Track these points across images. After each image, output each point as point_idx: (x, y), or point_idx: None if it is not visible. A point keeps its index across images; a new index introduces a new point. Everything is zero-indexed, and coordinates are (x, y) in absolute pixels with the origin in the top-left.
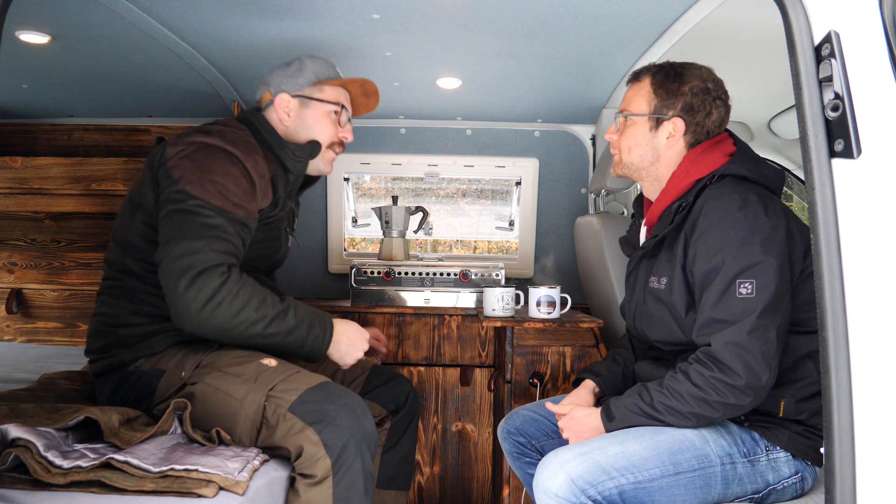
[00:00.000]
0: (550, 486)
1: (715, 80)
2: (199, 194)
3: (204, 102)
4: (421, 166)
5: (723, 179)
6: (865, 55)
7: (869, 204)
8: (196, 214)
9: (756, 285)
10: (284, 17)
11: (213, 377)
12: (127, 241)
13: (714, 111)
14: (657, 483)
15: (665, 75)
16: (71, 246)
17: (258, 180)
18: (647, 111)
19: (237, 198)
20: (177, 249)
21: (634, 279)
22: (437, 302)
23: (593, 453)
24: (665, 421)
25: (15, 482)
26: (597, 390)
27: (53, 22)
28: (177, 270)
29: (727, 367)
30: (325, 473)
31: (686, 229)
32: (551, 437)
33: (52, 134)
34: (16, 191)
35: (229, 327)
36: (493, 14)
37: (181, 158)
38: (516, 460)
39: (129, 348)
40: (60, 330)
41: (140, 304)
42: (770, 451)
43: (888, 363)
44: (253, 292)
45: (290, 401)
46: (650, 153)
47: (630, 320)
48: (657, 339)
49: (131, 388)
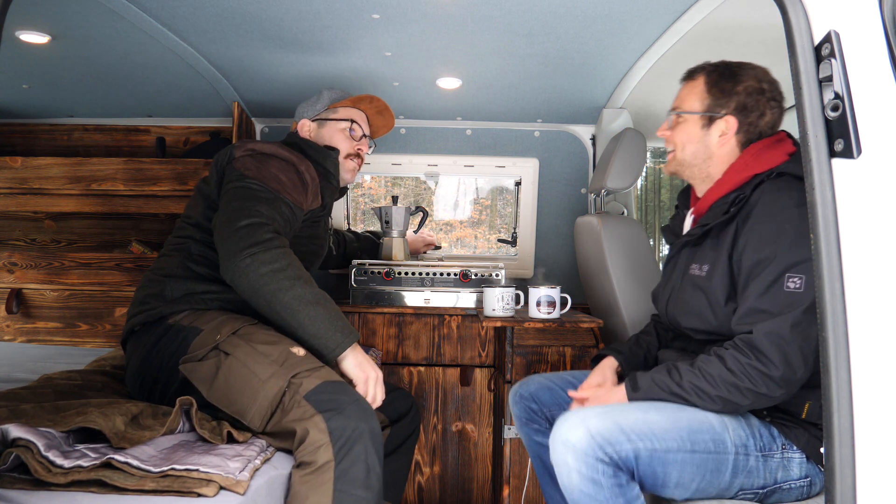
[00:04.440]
0: (570, 437)
1: (770, 81)
2: (255, 176)
3: (204, 102)
4: (421, 166)
5: (781, 177)
6: (865, 55)
7: (869, 204)
8: (251, 189)
9: (805, 281)
10: (284, 18)
11: (242, 351)
12: (190, 217)
13: (768, 112)
14: (672, 455)
15: (720, 74)
16: (71, 246)
17: (310, 181)
18: (700, 109)
19: (288, 187)
20: (232, 205)
21: (673, 266)
22: (437, 302)
23: (615, 414)
24: (690, 400)
25: (15, 482)
26: (618, 369)
27: (53, 22)
28: (226, 219)
29: (765, 356)
30: (326, 460)
31: (738, 220)
32: (564, 408)
33: (52, 134)
34: (16, 191)
35: (259, 279)
36: (493, 14)
37: (243, 157)
38: (525, 426)
39: (172, 302)
40: (60, 330)
41: (193, 261)
42: (786, 449)
43: (888, 363)
44: (291, 264)
45: (308, 389)
46: (703, 151)
47: (662, 306)
48: (689, 327)
49: (168, 343)
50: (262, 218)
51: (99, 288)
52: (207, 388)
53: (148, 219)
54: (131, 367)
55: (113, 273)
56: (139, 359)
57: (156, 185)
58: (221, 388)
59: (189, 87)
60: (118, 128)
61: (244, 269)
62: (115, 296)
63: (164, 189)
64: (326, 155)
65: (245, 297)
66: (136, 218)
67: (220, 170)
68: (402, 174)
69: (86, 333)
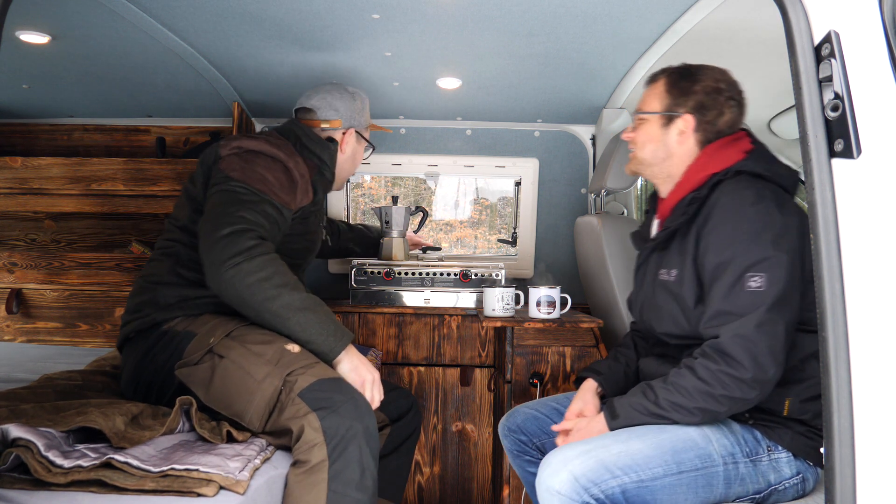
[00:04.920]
0: (553, 484)
1: (729, 82)
2: (240, 178)
3: (204, 102)
4: (421, 166)
5: (738, 175)
6: (865, 55)
7: (869, 204)
8: (234, 192)
9: (766, 279)
10: (284, 18)
11: (237, 353)
12: (178, 219)
13: (727, 111)
14: (660, 482)
15: (679, 75)
16: (71, 246)
17: (299, 179)
18: (660, 109)
19: (275, 187)
20: (214, 212)
21: (644, 271)
22: (437, 302)
23: (596, 451)
24: (670, 418)
25: (15, 482)
26: (599, 390)
27: (53, 22)
28: (209, 227)
29: (734, 359)
30: (320, 459)
31: (698, 222)
32: (552, 435)
33: (52, 134)
34: (16, 191)
35: (246, 289)
36: (493, 14)
37: (230, 156)
38: (516, 458)
39: (165, 309)
40: (60, 330)
41: (183, 267)
42: (772, 450)
43: (888, 363)
44: (277, 271)
45: (303, 386)
46: (662, 150)
47: (637, 312)
48: (663, 332)
49: (162, 349)
50: (246, 224)
51: (99, 288)
52: (204, 392)
53: (148, 219)
54: (126, 373)
55: (113, 273)
56: (134, 365)
57: (156, 186)
58: (218, 391)
59: (189, 87)
60: (118, 128)
61: (229, 280)
62: (115, 296)
63: (164, 189)
64: (325, 147)
65: (233, 306)
66: (136, 218)
67: (207, 170)
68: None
69: (86, 333)
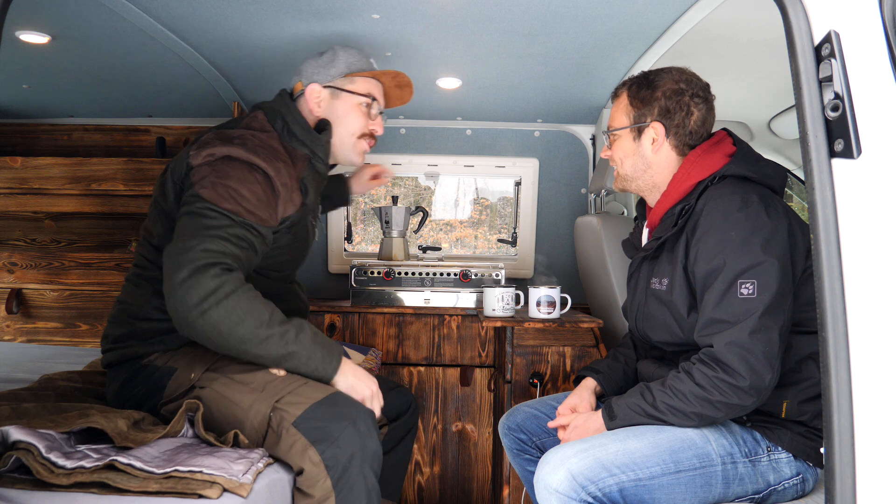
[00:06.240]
0: (551, 482)
1: (688, 80)
2: (209, 197)
3: (204, 102)
4: (421, 166)
5: (724, 180)
6: (865, 55)
7: (869, 204)
8: (201, 216)
9: (758, 285)
10: (284, 18)
11: (220, 384)
12: (152, 235)
13: (694, 110)
14: (658, 481)
15: (639, 85)
16: (71, 246)
17: (281, 189)
18: (628, 123)
19: (250, 204)
20: (176, 247)
21: (636, 281)
22: (437, 302)
23: (594, 450)
24: (667, 420)
25: (16, 482)
26: (598, 389)
27: (53, 22)
28: (170, 266)
29: (730, 367)
30: (325, 495)
31: (687, 231)
32: (552, 434)
33: (52, 134)
34: (16, 191)
35: (219, 337)
36: (493, 14)
37: (201, 166)
38: (516, 457)
39: (146, 342)
40: (60, 330)
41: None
42: (771, 451)
43: (888, 363)
44: (250, 308)
45: (296, 415)
46: (640, 162)
47: (632, 321)
48: (659, 340)
49: (142, 383)
50: (209, 258)
51: (99, 288)
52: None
53: None
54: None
55: (113, 273)
56: (116, 390)
57: None
58: (207, 421)
59: (189, 87)
60: (118, 128)
61: (199, 329)
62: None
63: None
64: (316, 139)
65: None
66: (136, 218)
67: (179, 180)
68: (402, 174)
69: (86, 333)
